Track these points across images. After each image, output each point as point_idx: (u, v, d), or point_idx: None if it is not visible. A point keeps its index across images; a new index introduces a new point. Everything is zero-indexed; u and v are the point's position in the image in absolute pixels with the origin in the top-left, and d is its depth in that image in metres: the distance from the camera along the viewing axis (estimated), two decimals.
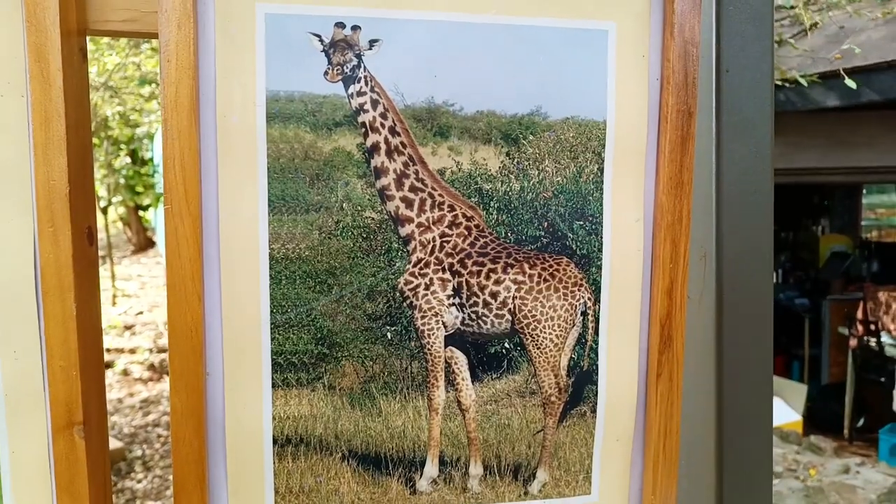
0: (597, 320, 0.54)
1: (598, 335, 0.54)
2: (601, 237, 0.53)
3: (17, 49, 0.46)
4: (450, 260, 0.52)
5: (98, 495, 0.49)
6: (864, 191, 6.51)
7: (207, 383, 0.49)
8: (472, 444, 0.53)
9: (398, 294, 0.51)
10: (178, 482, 0.48)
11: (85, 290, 0.48)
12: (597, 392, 0.55)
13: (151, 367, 5.18)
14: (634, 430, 0.55)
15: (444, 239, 0.51)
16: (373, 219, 0.50)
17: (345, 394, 0.51)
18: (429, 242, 0.51)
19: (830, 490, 2.39)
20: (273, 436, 0.51)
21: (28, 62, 0.45)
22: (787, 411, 3.84)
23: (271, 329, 0.50)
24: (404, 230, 0.51)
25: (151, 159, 8.73)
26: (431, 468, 0.53)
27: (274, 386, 0.50)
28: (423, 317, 0.52)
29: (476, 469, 0.54)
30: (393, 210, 0.51)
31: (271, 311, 0.49)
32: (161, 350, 5.56)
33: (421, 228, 0.51)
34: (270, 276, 0.49)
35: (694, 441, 0.60)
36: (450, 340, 0.53)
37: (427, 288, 0.52)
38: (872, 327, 4.78)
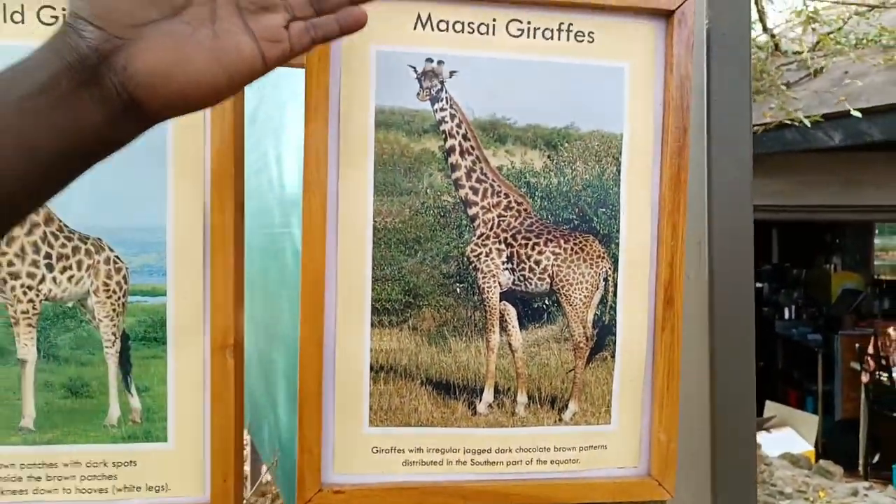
0: (615, 285, 0.70)
1: (616, 297, 0.70)
2: (619, 221, 0.70)
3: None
4: (504, 235, 0.69)
5: (238, 403, 0.65)
6: (877, 230, 6.59)
7: (325, 320, 0.66)
8: (520, 377, 0.69)
9: (466, 259, 0.68)
10: (303, 394, 0.65)
11: (238, 248, 0.65)
12: (615, 341, 0.70)
13: None
14: (644, 372, 0.71)
15: (501, 218, 0.69)
16: (448, 201, 0.68)
17: (424, 334, 0.68)
18: (489, 221, 0.68)
19: None
20: (370, 364, 0.67)
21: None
22: (798, 441, 3.90)
23: (372, 282, 0.66)
24: (471, 211, 0.68)
25: None
26: (488, 395, 0.69)
27: (372, 325, 0.67)
28: (483, 278, 0.68)
29: (522, 398, 0.69)
30: (463, 196, 0.68)
31: (373, 268, 0.66)
32: None
33: (484, 210, 0.68)
34: (373, 241, 0.66)
35: (692, 384, 0.75)
36: (503, 296, 0.69)
37: (487, 255, 0.68)
38: (884, 362, 4.84)
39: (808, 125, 3.62)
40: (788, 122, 3.71)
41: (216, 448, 0.64)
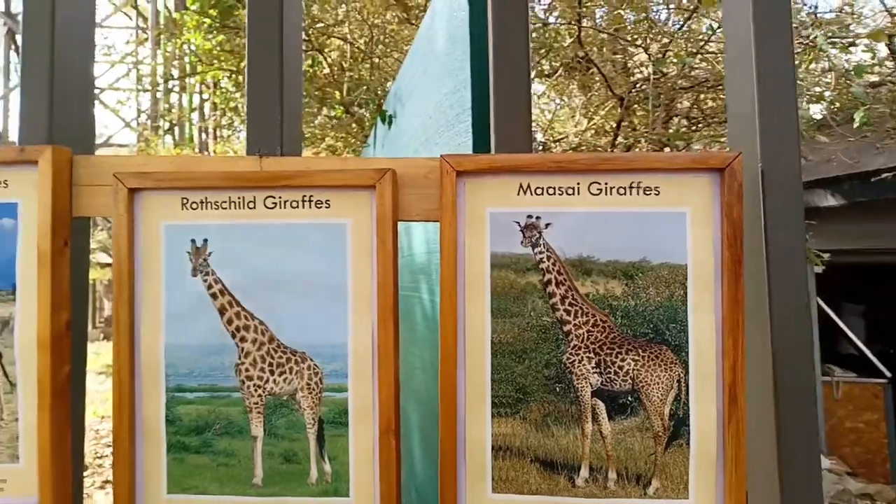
0: (687, 386, 0.87)
1: (688, 396, 0.87)
2: (687, 334, 0.87)
3: (370, 236, 0.92)
4: (593, 346, 0.89)
5: (399, 477, 0.89)
6: None
7: (458, 414, 0.89)
8: (610, 459, 0.88)
9: (563, 365, 0.89)
10: (443, 468, 0.88)
11: (396, 356, 0.91)
12: (689, 432, 0.87)
13: None
14: (717, 458, 0.86)
15: (589, 333, 0.89)
16: (547, 321, 0.89)
17: (532, 423, 0.89)
18: (580, 335, 0.89)
19: None
20: (492, 445, 0.89)
21: (376, 242, 0.91)
22: None
23: (492, 383, 0.89)
24: (566, 328, 0.89)
25: None
26: (584, 472, 0.88)
27: (493, 416, 0.89)
28: (577, 380, 0.89)
29: (612, 475, 0.88)
30: (559, 317, 0.89)
31: (491, 373, 0.89)
32: None
33: (575, 327, 0.89)
34: (491, 352, 0.89)
35: (756, 463, 0.88)
36: (594, 394, 0.88)
37: (580, 362, 0.89)
38: None
39: None
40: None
41: (384, 501, 0.89)
